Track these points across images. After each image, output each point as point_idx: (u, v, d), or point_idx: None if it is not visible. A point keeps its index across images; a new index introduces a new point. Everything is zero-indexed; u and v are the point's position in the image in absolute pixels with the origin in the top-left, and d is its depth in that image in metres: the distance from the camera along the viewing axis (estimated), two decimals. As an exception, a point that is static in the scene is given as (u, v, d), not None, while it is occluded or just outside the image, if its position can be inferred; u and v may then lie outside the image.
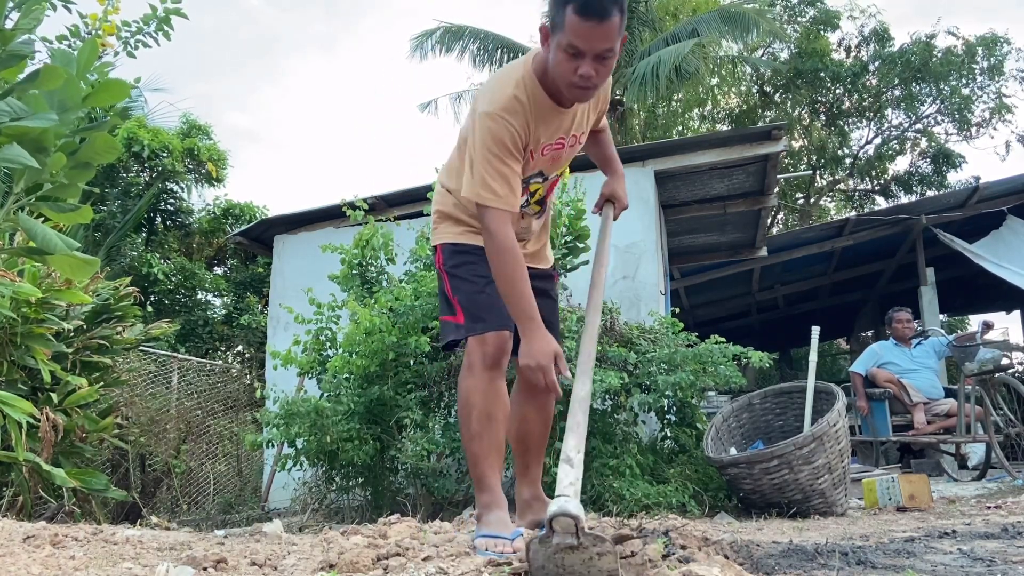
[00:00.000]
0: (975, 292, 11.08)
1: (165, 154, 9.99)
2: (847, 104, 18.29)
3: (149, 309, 9.09)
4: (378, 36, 54.58)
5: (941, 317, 9.25)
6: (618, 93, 12.90)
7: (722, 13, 12.85)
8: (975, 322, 13.26)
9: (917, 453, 6.74)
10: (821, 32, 17.79)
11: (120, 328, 4.23)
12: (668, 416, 4.65)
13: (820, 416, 4.00)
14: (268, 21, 51.80)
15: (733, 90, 18.82)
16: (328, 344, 4.69)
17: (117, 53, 3.47)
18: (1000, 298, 11.29)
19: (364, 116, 60.16)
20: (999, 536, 2.33)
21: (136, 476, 5.40)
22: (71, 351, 3.82)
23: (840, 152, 18.60)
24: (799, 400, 4.46)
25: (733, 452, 4.33)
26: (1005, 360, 5.33)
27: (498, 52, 13.55)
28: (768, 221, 9.92)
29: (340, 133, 59.91)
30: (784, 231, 17.23)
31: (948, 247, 8.41)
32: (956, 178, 17.56)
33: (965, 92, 16.93)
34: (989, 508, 3.54)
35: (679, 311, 5.27)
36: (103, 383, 4.03)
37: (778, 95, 18.77)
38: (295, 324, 4.77)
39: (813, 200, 19.42)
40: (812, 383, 4.34)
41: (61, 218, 2.10)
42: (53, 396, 3.56)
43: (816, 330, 4.66)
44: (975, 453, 6.23)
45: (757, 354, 4.34)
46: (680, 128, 18.32)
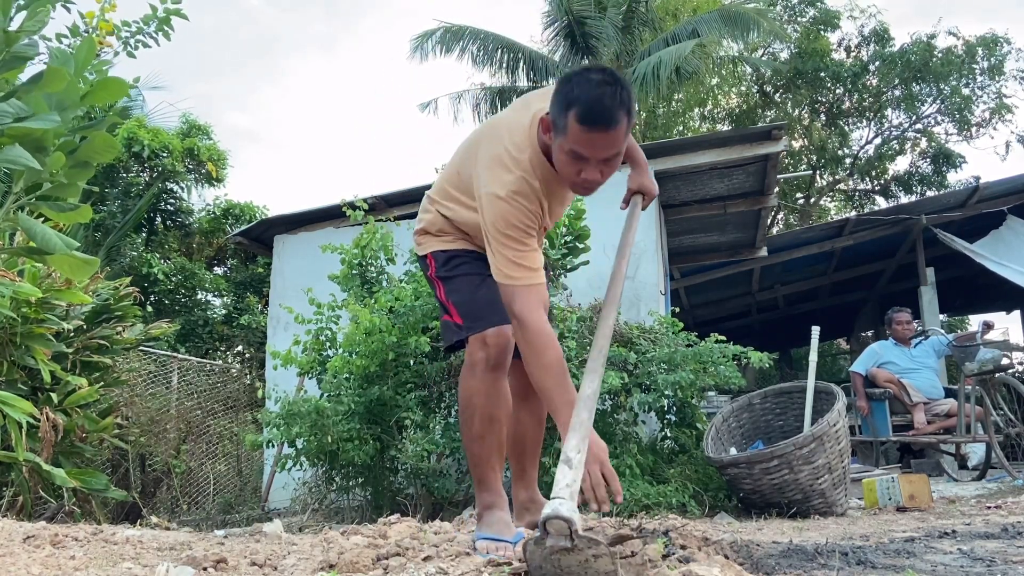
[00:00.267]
0: (975, 292, 11.07)
1: (165, 154, 10.00)
2: (847, 104, 18.29)
3: (149, 309, 9.08)
4: (378, 36, 54.62)
5: (941, 317, 9.25)
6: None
7: (722, 13, 12.85)
8: (975, 322, 13.27)
9: (917, 453, 6.75)
10: (821, 32, 17.79)
11: (120, 328, 4.23)
12: (668, 416, 4.65)
13: (820, 416, 4.00)
14: (268, 21, 51.86)
15: (733, 90, 18.83)
16: (328, 344, 4.69)
17: (116, 53, 3.47)
18: (1000, 298, 11.28)
19: (364, 116, 60.18)
20: (999, 536, 2.33)
21: (136, 476, 5.40)
22: (71, 351, 3.82)
23: (840, 152, 18.59)
24: (799, 400, 4.46)
25: (733, 452, 4.33)
26: (1005, 360, 5.33)
27: (498, 52, 13.55)
28: (768, 221, 9.92)
29: (340, 133, 59.94)
30: (784, 231, 17.22)
31: (948, 247, 8.41)
32: (956, 178, 17.60)
33: (965, 92, 16.93)
34: (989, 508, 3.54)
35: (679, 311, 5.27)
36: (103, 383, 4.03)
37: (778, 95, 18.77)
38: (295, 324, 4.77)
39: (813, 200, 19.41)
40: (812, 383, 4.34)
41: (61, 218, 2.10)
42: (53, 396, 3.56)
43: (816, 330, 4.66)
44: (975, 453, 6.23)
45: (757, 355, 4.35)
46: (680, 128, 18.32)
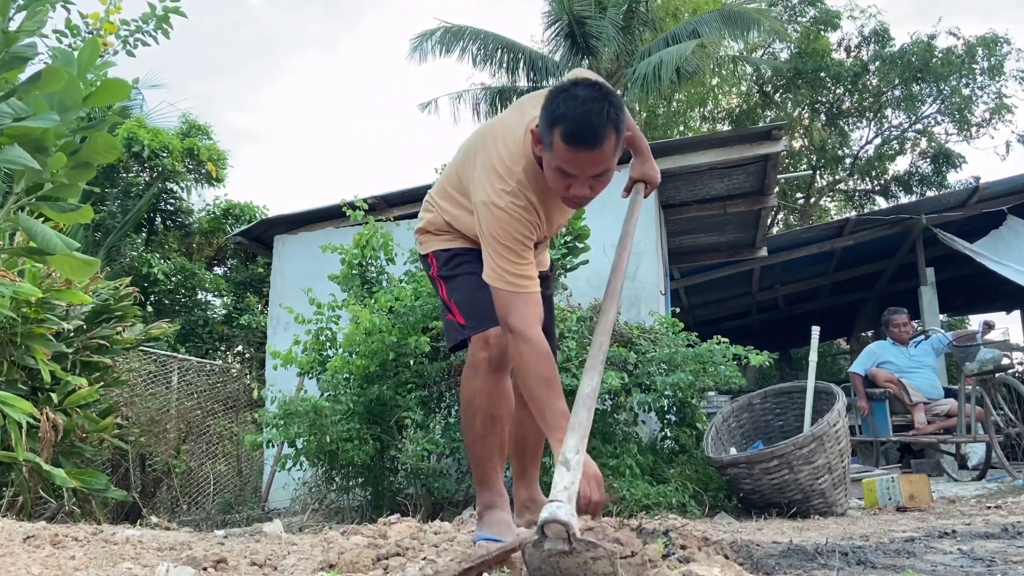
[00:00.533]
0: (975, 292, 11.07)
1: (165, 154, 10.00)
2: (847, 104, 18.30)
3: (149, 309, 9.07)
4: (378, 36, 54.58)
5: (941, 317, 9.25)
6: (619, 93, 12.89)
7: (723, 13, 12.84)
8: (975, 322, 13.28)
9: (917, 453, 6.75)
10: (821, 32, 17.79)
11: (120, 328, 4.23)
12: (668, 416, 4.65)
13: (820, 416, 4.00)
14: (268, 21, 51.84)
15: (733, 90, 18.83)
16: (328, 344, 4.69)
17: (116, 52, 3.47)
18: (1000, 298, 11.28)
19: (364, 116, 60.15)
20: (999, 536, 2.33)
21: (136, 476, 5.40)
22: (71, 351, 3.82)
23: (840, 152, 18.60)
24: (799, 400, 4.46)
25: (733, 452, 4.33)
26: (1005, 360, 5.34)
27: (498, 52, 13.55)
28: (768, 221, 9.91)
29: (340, 133, 59.92)
30: (784, 231, 17.22)
31: (948, 247, 8.41)
32: (956, 178, 17.60)
33: (965, 92, 16.94)
34: (989, 508, 3.54)
35: (679, 311, 5.26)
36: (103, 383, 4.03)
37: (778, 95, 18.78)
38: (295, 324, 4.77)
39: (813, 200, 19.41)
40: (812, 383, 4.34)
41: (61, 218, 2.10)
42: (53, 396, 3.56)
43: (816, 330, 4.66)
44: (975, 453, 6.23)
45: (758, 357, 4.34)
46: (681, 128, 18.32)
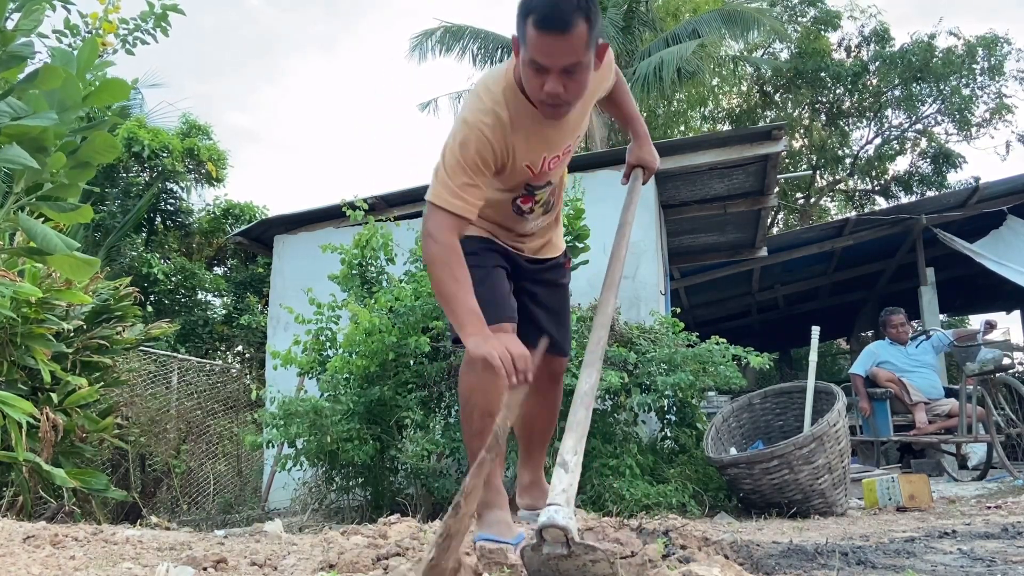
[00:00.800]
0: (975, 292, 11.07)
1: (165, 154, 9.99)
2: (847, 104, 18.28)
3: (149, 309, 9.07)
4: (378, 36, 54.64)
5: (941, 317, 9.24)
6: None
7: (723, 13, 12.82)
8: (975, 322, 13.28)
9: (917, 453, 6.74)
10: (822, 32, 17.79)
11: (120, 328, 4.23)
12: (668, 416, 4.65)
13: (820, 416, 4.00)
14: (268, 21, 51.86)
15: (734, 90, 18.83)
16: (328, 344, 4.69)
17: (115, 51, 3.47)
18: (1000, 298, 11.27)
19: (364, 116, 60.23)
20: (999, 536, 2.33)
21: (136, 476, 5.40)
22: (71, 351, 3.82)
23: (840, 152, 18.59)
24: (799, 400, 4.46)
25: (733, 452, 4.33)
26: (1006, 360, 5.34)
27: (498, 52, 13.53)
28: (768, 221, 9.91)
29: (340, 133, 59.98)
30: (784, 231, 17.22)
31: (948, 247, 8.40)
32: (956, 178, 17.58)
33: (965, 92, 16.93)
34: (989, 508, 3.54)
35: (679, 311, 5.26)
36: (103, 383, 4.03)
37: (778, 95, 18.77)
38: (295, 324, 4.77)
39: (813, 200, 19.41)
40: (812, 383, 4.34)
41: (61, 218, 2.10)
42: (53, 396, 3.56)
43: (816, 330, 4.66)
44: (975, 453, 6.23)
45: (757, 359, 4.32)
46: (681, 128, 18.32)
